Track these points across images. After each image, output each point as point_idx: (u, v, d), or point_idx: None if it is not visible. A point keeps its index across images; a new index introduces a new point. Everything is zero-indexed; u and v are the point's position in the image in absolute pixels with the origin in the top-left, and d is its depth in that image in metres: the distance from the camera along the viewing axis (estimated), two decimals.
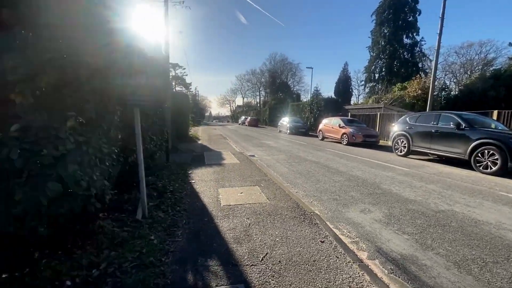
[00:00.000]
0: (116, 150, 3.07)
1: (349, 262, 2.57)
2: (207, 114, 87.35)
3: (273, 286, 2.15)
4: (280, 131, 23.86)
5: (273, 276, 2.27)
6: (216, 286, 2.12)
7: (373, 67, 40.18)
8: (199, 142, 14.30)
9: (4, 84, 1.95)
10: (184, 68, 40.12)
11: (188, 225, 3.28)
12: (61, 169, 2.20)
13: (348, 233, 3.30)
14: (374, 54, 39.77)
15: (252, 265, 2.43)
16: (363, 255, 2.80)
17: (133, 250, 2.51)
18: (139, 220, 3.17)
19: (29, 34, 2.06)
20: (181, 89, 38.78)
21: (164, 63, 8.84)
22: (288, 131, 21.36)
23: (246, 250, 2.69)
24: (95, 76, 2.54)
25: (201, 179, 5.59)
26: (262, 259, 2.53)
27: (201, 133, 20.53)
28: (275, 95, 46.96)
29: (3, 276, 2.07)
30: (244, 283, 2.16)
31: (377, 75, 39.78)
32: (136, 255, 2.45)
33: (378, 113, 18.28)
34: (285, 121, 23.15)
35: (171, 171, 6.08)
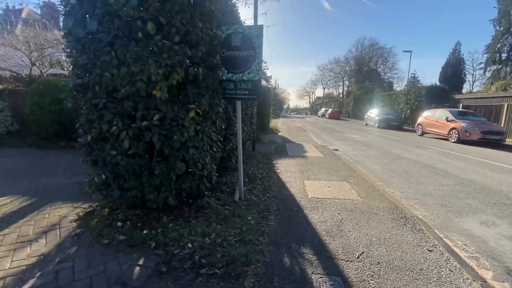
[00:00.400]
0: (221, 138, 3.49)
1: (467, 279, 2.18)
2: (285, 106, 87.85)
3: (372, 286, 2.05)
4: (366, 124, 21.84)
5: (372, 276, 2.16)
6: (313, 273, 2.17)
7: (499, 45, 31.36)
8: (279, 134, 14.60)
9: (149, 83, 2.47)
10: (266, 62, 41.34)
11: (279, 211, 3.44)
12: (185, 152, 2.66)
13: (464, 246, 2.80)
14: (502, 28, 30.93)
15: (348, 260, 2.37)
16: (486, 274, 2.32)
17: (234, 227, 2.82)
18: (236, 201, 3.53)
19: (164, 40, 2.53)
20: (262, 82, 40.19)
21: None
22: (377, 124, 19.29)
23: (340, 245, 2.64)
24: (209, 74, 2.93)
25: (286, 170, 5.73)
26: (359, 257, 2.43)
27: (280, 125, 20.90)
28: (361, 85, 42.88)
29: (144, 232, 2.69)
30: (341, 277, 2.14)
31: (504, 55, 30.99)
32: (238, 231, 2.75)
33: (505, 103, 14.37)
34: (373, 113, 20.99)
35: (257, 160, 6.47)
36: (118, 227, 2.76)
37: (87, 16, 2.45)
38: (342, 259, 2.39)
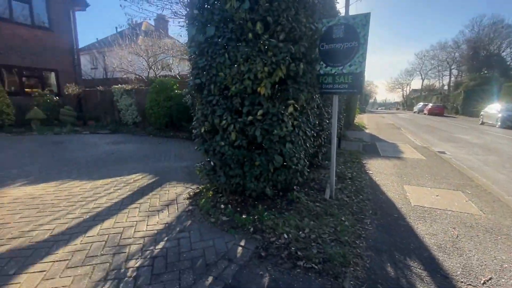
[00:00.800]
0: (314, 134, 3.46)
1: None
2: (371, 100, 79.48)
3: None
4: (483, 123, 17.58)
5: None
6: None
7: None
8: (366, 130, 13.40)
9: (255, 81, 2.65)
10: None
11: (376, 216, 3.18)
12: (282, 146, 2.76)
13: None
14: None
15: (470, 284, 2.00)
16: None
17: (328, 225, 2.77)
18: (327, 199, 3.45)
19: (271, 39, 2.64)
20: None
21: None
22: (499, 123, 15.25)
23: (458, 264, 2.24)
24: (308, 69, 2.92)
25: (379, 171, 5.23)
26: (485, 283, 2.01)
27: (366, 121, 19.13)
28: (475, 74, 34.42)
29: (243, 216, 2.95)
30: None
31: None
32: (332, 230, 2.69)
33: None
34: (494, 108, 16.69)
35: (344, 158, 6.13)
36: (221, 209, 3.12)
37: (206, 23, 2.81)
38: (462, 282, 2.03)
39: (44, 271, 2.06)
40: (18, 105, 9.78)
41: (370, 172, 5.17)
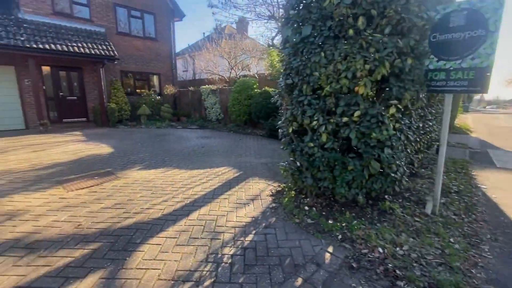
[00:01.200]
0: (417, 139, 3.04)
1: None
2: (476, 97, 64.55)
3: None
4: None
5: None
6: None
7: None
8: (472, 134, 11.02)
9: (352, 79, 2.49)
10: None
11: (496, 242, 2.58)
12: (380, 151, 2.51)
13: None
14: None
15: None
16: None
17: (432, 245, 2.40)
18: (428, 214, 2.99)
19: (374, 34, 2.43)
20: None
21: None
22: None
23: None
24: (416, 65, 2.57)
25: (496, 187, 4.22)
26: None
27: (472, 123, 15.69)
28: None
29: (330, 221, 2.84)
30: None
31: None
32: (438, 252, 2.32)
33: None
34: None
35: (446, 167, 5.15)
36: (306, 210, 3.09)
37: (301, 23, 2.79)
38: None
39: (160, 244, 2.47)
40: (131, 103, 12.06)
41: (483, 186, 4.23)
